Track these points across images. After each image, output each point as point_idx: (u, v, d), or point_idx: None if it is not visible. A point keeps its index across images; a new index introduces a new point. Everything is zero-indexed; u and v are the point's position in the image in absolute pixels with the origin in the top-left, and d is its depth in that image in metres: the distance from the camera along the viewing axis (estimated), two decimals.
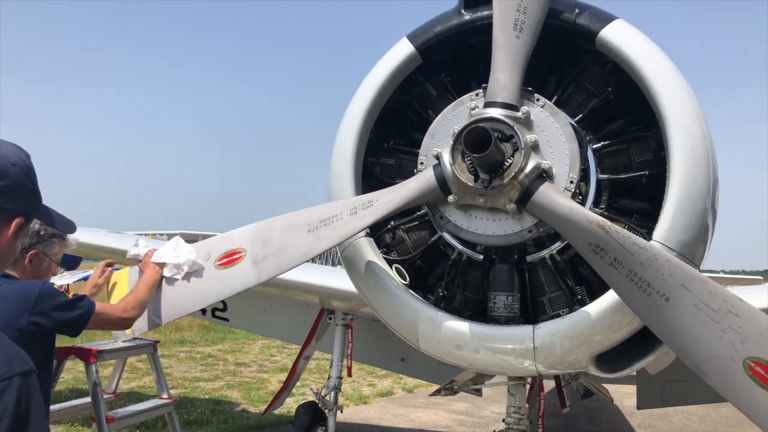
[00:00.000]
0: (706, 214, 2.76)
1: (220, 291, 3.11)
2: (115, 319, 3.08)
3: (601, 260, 2.51)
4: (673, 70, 2.85)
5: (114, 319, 3.07)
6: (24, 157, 1.86)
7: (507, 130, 2.67)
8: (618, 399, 9.15)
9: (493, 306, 3.03)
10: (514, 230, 2.78)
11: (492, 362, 3.02)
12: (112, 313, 3.06)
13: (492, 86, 2.76)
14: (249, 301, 6.75)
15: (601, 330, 2.82)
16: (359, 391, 11.15)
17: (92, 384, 4.94)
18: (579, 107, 3.12)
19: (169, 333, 16.25)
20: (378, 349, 6.91)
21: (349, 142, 3.25)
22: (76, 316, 2.90)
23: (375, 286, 3.15)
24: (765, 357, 2.29)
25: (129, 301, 3.10)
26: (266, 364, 13.87)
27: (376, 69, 3.28)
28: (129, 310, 3.07)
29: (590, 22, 2.94)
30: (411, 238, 3.37)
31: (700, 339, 2.38)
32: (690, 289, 2.40)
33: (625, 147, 3.06)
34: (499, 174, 2.63)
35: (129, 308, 3.08)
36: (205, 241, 3.25)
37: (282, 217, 3.03)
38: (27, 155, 2.04)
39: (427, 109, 3.33)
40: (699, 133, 2.77)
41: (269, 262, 2.95)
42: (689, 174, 2.71)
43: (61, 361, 4.98)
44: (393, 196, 2.85)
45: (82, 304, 2.94)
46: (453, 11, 3.16)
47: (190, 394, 10.44)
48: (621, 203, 3.12)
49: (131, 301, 3.10)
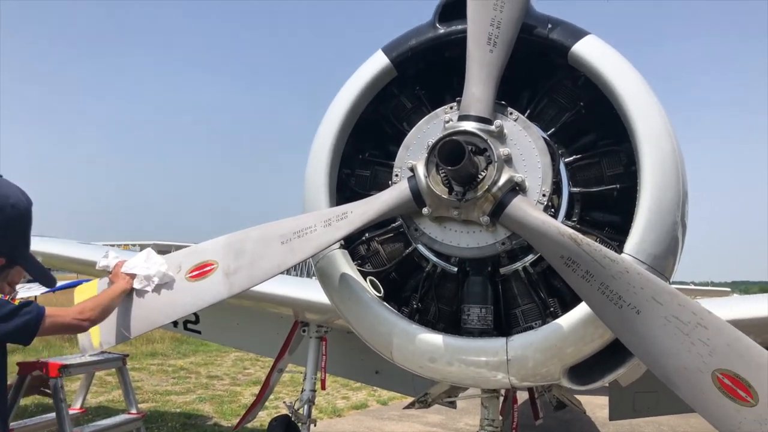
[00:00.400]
0: (676, 228, 2.81)
1: (191, 303, 3.06)
2: (69, 322, 2.91)
3: (573, 273, 2.53)
4: (643, 85, 2.90)
5: (68, 323, 2.91)
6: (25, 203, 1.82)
7: (480, 144, 2.69)
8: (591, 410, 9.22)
9: (467, 318, 3.03)
10: (488, 242, 2.79)
11: (465, 375, 3.02)
12: (65, 316, 2.89)
13: (466, 100, 2.78)
14: (221, 314, 6.67)
15: (573, 342, 2.84)
16: (333, 404, 11.06)
17: (57, 399, 4.81)
18: (551, 121, 3.15)
19: (140, 345, 16.00)
20: (352, 361, 6.87)
21: (324, 154, 3.24)
22: (23, 324, 2.74)
23: (349, 298, 3.13)
24: (732, 369, 2.33)
25: (86, 305, 2.96)
26: (239, 377, 13.71)
27: (351, 81, 3.29)
28: (85, 311, 2.91)
29: (563, 37, 2.98)
30: (386, 250, 3.36)
31: (670, 351, 2.41)
32: (660, 301, 2.43)
33: (597, 161, 3.10)
34: (472, 187, 2.64)
35: (86, 310, 2.92)
36: (176, 252, 3.21)
37: (255, 228, 3.01)
38: (29, 202, 1.99)
39: (402, 121, 3.34)
40: (668, 148, 2.81)
41: (241, 274, 2.92)
42: (659, 188, 2.75)
43: (25, 377, 4.86)
44: (367, 207, 2.85)
45: (28, 310, 2.77)
46: (428, 25, 3.18)
47: (161, 407, 10.26)
48: (593, 216, 3.16)
49: (89, 304, 2.96)
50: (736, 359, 2.34)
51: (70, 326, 2.97)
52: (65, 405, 4.85)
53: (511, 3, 2.79)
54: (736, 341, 2.36)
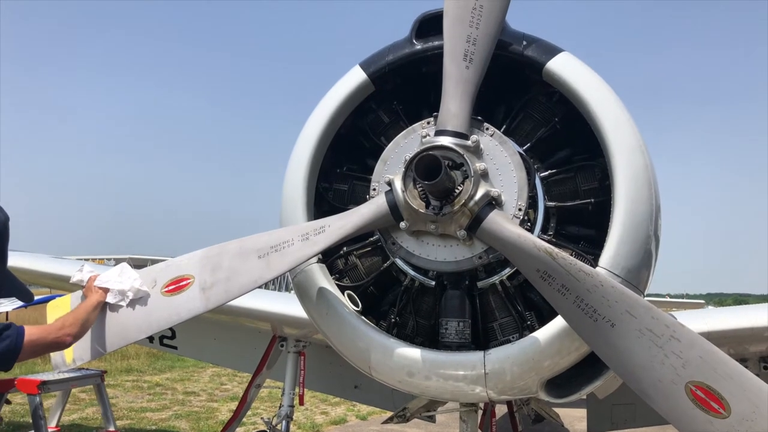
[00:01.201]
0: (650, 241, 2.85)
1: (167, 318, 3.02)
2: (51, 341, 2.85)
3: (549, 286, 2.56)
4: (616, 102, 2.96)
5: (50, 341, 2.85)
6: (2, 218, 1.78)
7: (457, 158, 2.71)
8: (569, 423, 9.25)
9: (445, 332, 3.03)
10: (465, 256, 2.80)
11: (443, 389, 3.02)
12: (46, 336, 2.83)
13: (443, 115, 2.81)
14: (198, 329, 6.59)
15: (550, 355, 2.85)
16: (312, 420, 10.97)
17: (36, 418, 4.71)
18: (527, 136, 3.19)
19: (115, 361, 15.73)
20: (331, 376, 6.82)
21: (302, 168, 3.24)
22: (3, 349, 2.68)
23: (327, 312, 3.12)
24: (705, 381, 2.36)
25: (66, 320, 2.91)
26: (216, 392, 13.53)
27: (329, 95, 3.30)
28: (66, 327, 2.86)
29: (537, 54, 3.02)
30: (364, 264, 3.36)
31: (645, 364, 2.44)
32: (634, 314, 2.46)
33: (572, 175, 3.15)
34: (449, 201, 2.66)
35: (66, 326, 2.86)
36: (152, 267, 3.17)
37: (232, 242, 2.99)
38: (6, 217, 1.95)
39: (379, 135, 3.35)
40: (641, 163, 2.86)
41: (218, 288, 2.89)
42: (633, 202, 2.80)
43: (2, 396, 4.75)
44: (345, 221, 2.85)
45: (8, 333, 2.70)
46: (405, 41, 3.21)
47: (135, 425, 10.08)
48: (568, 230, 3.19)
49: (68, 319, 2.90)
50: (708, 371, 2.38)
51: (52, 345, 2.91)
52: (45, 423, 4.75)
53: (487, 20, 2.83)
54: (709, 354, 2.40)
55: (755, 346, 5.08)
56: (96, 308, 3.01)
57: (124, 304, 3.04)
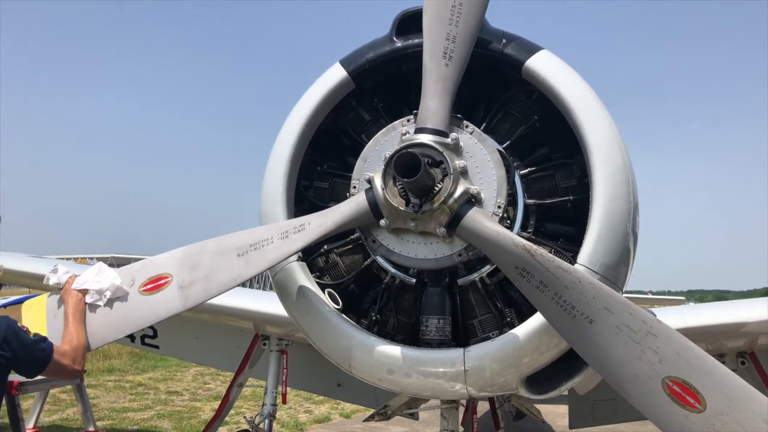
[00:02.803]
0: (628, 238, 2.87)
1: (145, 317, 3.00)
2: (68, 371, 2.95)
3: (527, 283, 2.57)
4: (594, 100, 2.97)
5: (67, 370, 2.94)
6: None
7: (437, 156, 2.71)
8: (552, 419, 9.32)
9: (425, 329, 3.04)
10: (445, 254, 2.80)
11: (424, 386, 3.02)
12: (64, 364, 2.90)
13: (422, 112, 2.81)
14: (180, 328, 6.55)
15: (529, 352, 2.87)
16: (295, 418, 10.94)
17: (14, 419, 4.64)
18: (506, 134, 3.20)
19: (97, 361, 15.58)
20: (314, 374, 6.80)
21: (282, 165, 3.23)
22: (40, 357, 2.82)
23: (307, 311, 3.11)
24: (681, 376, 2.39)
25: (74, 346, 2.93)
26: (199, 392, 13.45)
27: (309, 92, 3.28)
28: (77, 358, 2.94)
29: (517, 52, 3.04)
30: (344, 261, 3.35)
31: (622, 360, 2.46)
32: (612, 311, 2.48)
33: (551, 173, 3.16)
34: (429, 198, 2.66)
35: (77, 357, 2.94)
36: (130, 266, 3.14)
37: (211, 240, 2.97)
38: None
39: (360, 133, 3.35)
40: (619, 161, 2.89)
41: (197, 287, 2.88)
42: (611, 200, 2.82)
43: None
44: (325, 219, 2.84)
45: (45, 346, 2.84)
46: (385, 38, 3.21)
47: (117, 425, 10.00)
48: (547, 227, 3.21)
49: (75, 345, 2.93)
50: (684, 366, 2.40)
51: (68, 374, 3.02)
52: (23, 424, 4.68)
53: (466, 18, 2.84)
54: (685, 349, 2.43)
55: (733, 341, 5.15)
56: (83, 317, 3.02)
57: (102, 303, 3.01)
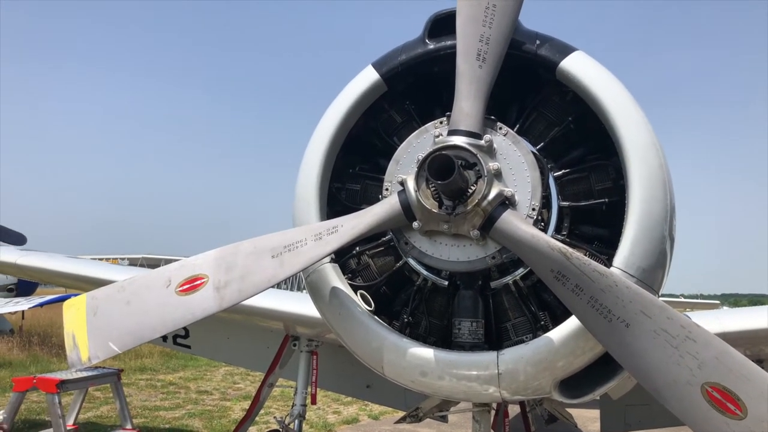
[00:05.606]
0: (664, 241, 2.83)
1: (181, 317, 3.03)
2: None
3: (562, 287, 2.54)
4: (630, 101, 2.93)
5: None
6: None
7: (470, 158, 2.70)
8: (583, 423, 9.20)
9: (458, 332, 3.03)
10: (478, 256, 2.79)
11: (457, 389, 3.01)
12: None
13: (455, 114, 2.80)
14: (211, 328, 6.64)
15: (563, 356, 2.84)
16: (324, 419, 10.99)
17: (56, 417, 4.75)
18: (540, 136, 3.18)
19: (129, 360, 15.86)
20: (343, 375, 6.84)
21: (315, 168, 3.25)
22: None
23: (339, 312, 3.13)
24: (721, 382, 2.34)
25: None
26: (229, 391, 13.60)
27: (341, 96, 3.30)
28: None
29: (551, 53, 3.01)
30: (376, 263, 3.36)
31: (660, 365, 2.42)
32: (649, 315, 2.44)
33: (586, 175, 3.13)
34: (462, 201, 2.65)
35: None
36: (166, 266, 3.18)
37: (246, 242, 3.00)
38: None
39: (392, 135, 3.35)
40: (656, 162, 2.84)
41: (232, 288, 2.90)
42: (647, 202, 2.78)
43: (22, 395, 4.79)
44: (358, 221, 2.85)
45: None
46: (417, 40, 3.21)
47: (149, 423, 10.15)
48: (582, 230, 3.17)
49: None
50: (724, 372, 2.35)
51: None
52: (64, 422, 4.79)
53: (500, 19, 2.82)
54: (725, 354, 2.38)
55: None
56: None
57: None
